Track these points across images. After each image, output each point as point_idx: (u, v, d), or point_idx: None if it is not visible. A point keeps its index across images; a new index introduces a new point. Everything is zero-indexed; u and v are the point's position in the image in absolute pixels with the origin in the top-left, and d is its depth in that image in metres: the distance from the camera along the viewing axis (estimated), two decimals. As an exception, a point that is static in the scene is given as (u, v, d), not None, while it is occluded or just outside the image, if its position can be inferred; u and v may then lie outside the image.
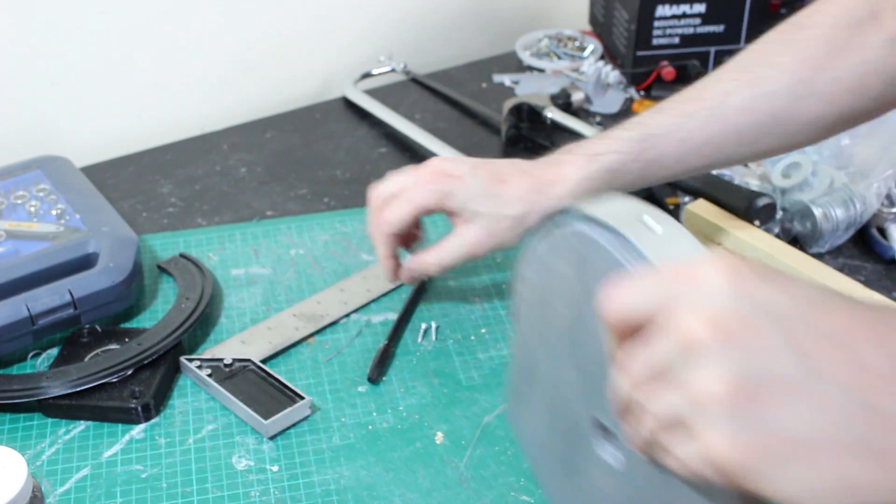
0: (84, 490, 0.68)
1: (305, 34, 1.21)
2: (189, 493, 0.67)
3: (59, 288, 0.78)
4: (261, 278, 0.88)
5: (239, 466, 0.70)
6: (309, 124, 1.13)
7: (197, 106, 1.17)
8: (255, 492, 0.67)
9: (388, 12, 1.24)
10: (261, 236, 0.93)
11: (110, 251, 0.82)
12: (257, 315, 0.83)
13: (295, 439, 0.72)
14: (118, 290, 0.80)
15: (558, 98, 1.11)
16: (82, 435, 0.72)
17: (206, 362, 0.77)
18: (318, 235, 0.93)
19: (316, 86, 1.23)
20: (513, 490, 0.67)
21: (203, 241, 0.93)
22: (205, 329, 0.82)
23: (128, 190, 1.02)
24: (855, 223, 0.87)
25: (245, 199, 1.00)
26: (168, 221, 0.97)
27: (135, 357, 0.75)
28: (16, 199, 0.91)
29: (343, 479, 0.68)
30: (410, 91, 1.19)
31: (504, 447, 0.70)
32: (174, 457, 0.70)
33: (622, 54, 1.18)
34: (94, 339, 0.79)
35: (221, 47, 1.16)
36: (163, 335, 0.77)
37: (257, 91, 1.20)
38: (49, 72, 1.08)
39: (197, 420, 0.74)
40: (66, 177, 0.94)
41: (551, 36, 1.28)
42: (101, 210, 0.89)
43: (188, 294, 0.83)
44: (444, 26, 1.30)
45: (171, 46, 1.13)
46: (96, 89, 1.11)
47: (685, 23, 1.14)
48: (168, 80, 1.15)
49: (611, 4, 1.21)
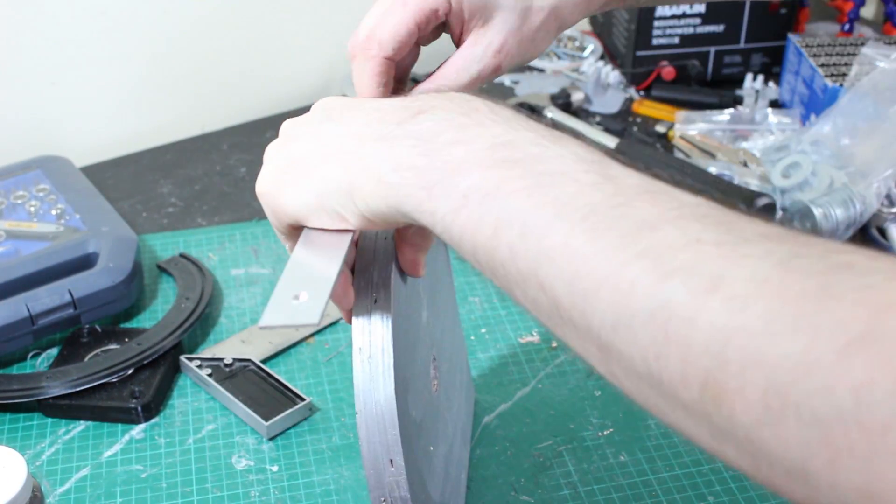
0: (84, 490, 0.68)
1: (305, 34, 1.21)
2: (189, 493, 0.67)
3: (59, 288, 0.78)
4: (261, 278, 0.88)
5: (239, 466, 0.70)
6: (309, 124, 1.13)
7: (197, 106, 1.17)
8: (254, 492, 0.67)
9: (388, 12, 1.24)
10: (261, 236, 0.93)
11: (110, 251, 0.82)
12: (257, 315, 0.83)
13: (295, 439, 0.72)
14: (118, 290, 0.80)
15: (558, 98, 1.11)
16: (82, 435, 0.72)
17: (207, 362, 0.77)
18: (318, 235, 0.93)
19: (316, 86, 1.23)
20: (513, 490, 0.67)
21: (203, 241, 0.93)
22: (205, 329, 0.82)
23: (128, 190, 1.02)
24: (855, 223, 0.87)
25: (245, 199, 1.00)
26: (168, 221, 0.97)
27: (135, 357, 0.75)
28: (16, 199, 0.91)
29: (343, 479, 0.68)
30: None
31: (504, 447, 0.70)
32: (174, 457, 0.70)
33: (622, 54, 1.18)
34: (94, 339, 0.79)
35: (221, 47, 1.16)
36: (163, 335, 0.77)
37: (257, 91, 1.20)
38: (49, 72, 1.08)
39: (197, 420, 0.74)
40: (66, 177, 0.94)
41: (551, 36, 1.28)
42: (101, 210, 0.89)
43: (188, 294, 0.83)
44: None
45: (171, 46, 1.13)
46: (96, 89, 1.11)
47: (685, 23, 1.14)
48: (168, 80, 1.15)
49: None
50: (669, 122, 1.08)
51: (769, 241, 0.34)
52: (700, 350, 0.32)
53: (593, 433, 0.72)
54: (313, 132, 0.50)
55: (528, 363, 0.78)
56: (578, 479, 0.68)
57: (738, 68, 1.17)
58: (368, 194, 0.45)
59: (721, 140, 1.03)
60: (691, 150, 1.03)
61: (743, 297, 0.32)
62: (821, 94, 1.01)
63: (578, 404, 0.74)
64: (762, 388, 0.30)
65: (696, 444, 0.35)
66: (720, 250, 0.34)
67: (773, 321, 0.31)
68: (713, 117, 1.06)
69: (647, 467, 0.69)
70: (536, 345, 0.80)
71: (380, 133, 0.46)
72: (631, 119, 1.11)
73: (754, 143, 1.02)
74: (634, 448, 0.70)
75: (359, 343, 0.50)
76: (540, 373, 0.77)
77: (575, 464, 0.69)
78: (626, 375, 0.36)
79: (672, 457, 0.69)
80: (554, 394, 0.75)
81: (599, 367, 0.38)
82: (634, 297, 0.35)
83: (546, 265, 0.38)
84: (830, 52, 1.05)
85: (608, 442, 0.71)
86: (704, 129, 1.04)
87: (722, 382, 0.32)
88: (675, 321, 0.33)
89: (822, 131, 0.93)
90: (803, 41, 1.08)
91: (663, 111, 1.11)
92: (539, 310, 0.40)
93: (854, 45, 1.06)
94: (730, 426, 0.32)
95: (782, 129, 1.04)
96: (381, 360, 0.49)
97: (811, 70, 1.04)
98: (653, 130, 1.08)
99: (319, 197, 0.48)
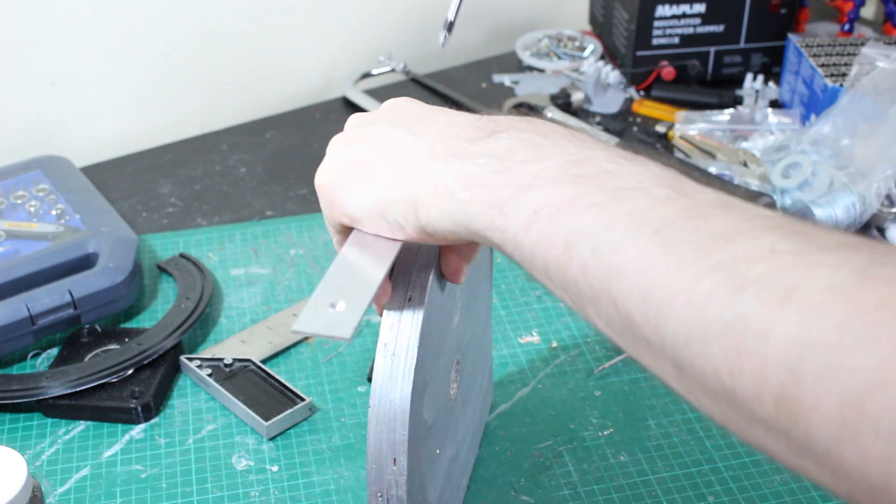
0: (84, 490, 0.68)
1: (305, 34, 1.21)
2: (189, 493, 0.67)
3: (59, 288, 0.78)
4: (261, 278, 0.88)
5: (239, 466, 0.70)
6: (309, 124, 1.13)
7: (197, 106, 1.17)
8: (254, 492, 0.67)
9: (388, 12, 1.24)
10: (261, 236, 0.94)
11: (110, 251, 0.82)
12: (257, 315, 0.83)
13: (295, 439, 0.72)
14: (118, 290, 0.80)
15: (558, 98, 1.11)
16: (82, 435, 0.72)
17: (207, 362, 0.77)
18: (318, 235, 0.93)
19: (316, 86, 1.23)
20: (513, 490, 0.67)
21: (203, 241, 0.93)
22: (205, 329, 0.82)
23: (128, 190, 1.02)
24: (855, 223, 0.87)
25: (245, 199, 1.00)
26: (168, 221, 0.97)
27: (135, 357, 0.75)
28: (16, 199, 0.91)
29: (343, 479, 0.68)
30: (410, 91, 1.19)
31: (504, 447, 0.70)
32: (174, 457, 0.70)
33: (622, 54, 1.18)
34: (94, 339, 0.79)
35: (221, 47, 1.16)
36: (163, 335, 0.77)
37: (257, 91, 1.20)
38: (49, 72, 1.08)
39: (197, 420, 0.74)
40: (66, 177, 0.94)
41: (551, 36, 1.28)
42: (101, 210, 0.89)
43: (188, 294, 0.83)
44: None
45: (172, 46, 1.13)
46: (96, 89, 1.11)
47: (685, 23, 1.14)
48: (168, 80, 1.15)
49: (611, 4, 1.21)
50: (669, 123, 1.08)
51: (846, 249, 0.33)
52: (774, 364, 0.31)
53: (593, 433, 0.72)
54: (383, 136, 0.49)
55: (528, 363, 0.78)
56: (578, 480, 0.68)
57: (738, 68, 1.17)
58: (434, 209, 0.45)
59: (721, 140, 1.03)
60: (691, 150, 1.03)
61: (818, 308, 0.31)
62: (821, 94, 1.01)
63: (578, 404, 0.74)
64: (838, 402, 0.30)
65: (778, 461, 0.34)
66: (795, 260, 0.33)
67: (850, 332, 0.30)
68: (713, 117, 1.06)
69: (647, 467, 0.69)
70: (536, 345, 0.80)
71: (453, 150, 0.46)
72: (631, 119, 1.11)
73: (754, 144, 1.02)
74: (634, 448, 0.70)
75: (385, 338, 0.49)
76: (540, 373, 0.77)
77: (575, 464, 0.69)
78: (703, 392, 0.35)
79: (672, 457, 0.69)
80: (554, 394, 0.75)
81: (675, 385, 0.37)
82: (708, 311, 0.34)
83: (618, 280, 0.37)
84: (830, 52, 1.05)
85: (608, 442, 0.71)
86: (704, 130, 1.04)
87: (797, 397, 0.31)
88: (748, 335, 0.32)
89: (822, 131, 0.93)
90: (803, 41, 1.08)
91: (663, 111, 1.11)
92: (612, 327, 0.39)
93: (854, 45, 1.06)
94: (808, 442, 0.31)
95: (782, 129, 1.04)
96: (404, 359, 0.49)
97: (811, 70, 1.04)
98: (653, 130, 1.08)
99: (380, 204, 0.48)
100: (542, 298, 0.85)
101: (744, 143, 1.02)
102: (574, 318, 0.83)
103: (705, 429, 0.72)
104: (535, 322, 0.82)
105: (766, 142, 1.02)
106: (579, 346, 0.80)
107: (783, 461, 0.34)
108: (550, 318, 0.83)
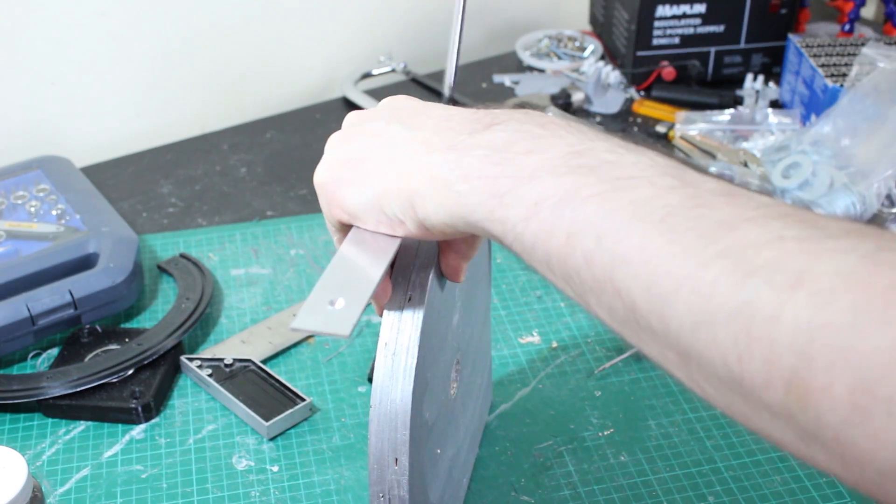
0: (84, 490, 0.68)
1: (306, 34, 1.21)
2: (189, 493, 0.67)
3: (59, 288, 0.78)
4: (261, 278, 0.88)
5: (239, 467, 0.70)
6: (309, 124, 1.13)
7: (197, 106, 1.17)
8: (255, 492, 0.67)
9: (388, 12, 1.24)
10: (261, 236, 0.94)
11: (110, 251, 0.82)
12: (257, 315, 0.83)
13: (295, 439, 0.72)
14: (118, 290, 0.80)
15: (558, 98, 1.11)
16: (82, 435, 0.72)
17: (207, 362, 0.77)
18: (318, 235, 0.93)
19: (316, 86, 1.23)
20: (513, 490, 0.67)
21: (203, 242, 0.93)
22: (205, 329, 0.82)
23: (128, 190, 1.02)
24: (855, 223, 0.87)
25: (245, 199, 1.00)
26: (168, 221, 0.97)
27: (135, 357, 0.75)
28: (16, 199, 0.91)
29: (343, 479, 0.68)
30: (410, 91, 1.19)
31: (504, 447, 0.70)
32: (174, 457, 0.70)
33: (622, 54, 1.18)
34: (94, 339, 0.79)
35: (221, 47, 1.16)
36: (163, 335, 0.77)
37: (257, 91, 1.20)
38: (49, 72, 1.08)
39: (197, 420, 0.74)
40: (67, 177, 0.94)
41: (551, 36, 1.28)
42: (102, 210, 0.89)
43: (188, 294, 0.83)
44: (444, 26, 1.30)
45: (172, 46, 1.13)
46: (96, 89, 1.11)
47: (685, 23, 1.14)
48: (168, 80, 1.15)
49: (611, 4, 1.21)
50: (670, 123, 1.08)
51: (853, 236, 0.33)
52: (784, 348, 0.31)
53: (593, 433, 0.72)
54: (379, 132, 0.49)
55: (528, 363, 0.78)
56: (579, 480, 0.68)
57: (739, 68, 1.17)
58: (431, 202, 0.45)
59: (721, 140, 1.03)
60: (692, 150, 1.03)
61: (829, 292, 0.31)
62: (821, 95, 1.01)
63: (578, 404, 0.74)
64: (850, 385, 0.29)
65: (784, 449, 0.34)
66: (803, 246, 0.33)
67: (861, 314, 0.30)
68: (713, 117, 1.06)
69: (648, 467, 0.69)
70: (536, 345, 0.80)
71: (450, 142, 0.46)
72: (631, 119, 1.11)
73: (755, 144, 1.02)
74: (634, 448, 0.70)
75: (385, 338, 0.49)
76: (540, 373, 0.77)
77: (575, 464, 0.69)
78: (708, 381, 0.35)
79: (672, 457, 0.69)
80: (554, 394, 0.75)
81: (679, 374, 0.37)
82: (715, 298, 0.34)
83: (622, 269, 0.37)
84: (831, 52, 1.05)
85: (608, 442, 0.71)
86: (705, 130, 1.04)
87: (807, 381, 0.31)
88: (757, 320, 0.32)
89: (822, 131, 0.93)
90: (803, 41, 1.08)
91: (663, 111, 1.11)
92: (615, 317, 0.39)
93: (854, 45, 1.06)
94: (817, 427, 0.31)
95: (782, 129, 1.04)
96: (405, 359, 0.49)
97: (811, 70, 1.04)
98: (653, 131, 1.08)
99: (378, 200, 0.48)
100: (542, 298, 0.85)
101: (744, 143, 1.02)
102: (574, 318, 0.83)
103: (705, 429, 0.72)
104: (536, 322, 0.82)
105: (766, 142, 1.02)
106: (579, 347, 0.80)
107: (789, 449, 0.34)
108: (550, 318, 0.83)
